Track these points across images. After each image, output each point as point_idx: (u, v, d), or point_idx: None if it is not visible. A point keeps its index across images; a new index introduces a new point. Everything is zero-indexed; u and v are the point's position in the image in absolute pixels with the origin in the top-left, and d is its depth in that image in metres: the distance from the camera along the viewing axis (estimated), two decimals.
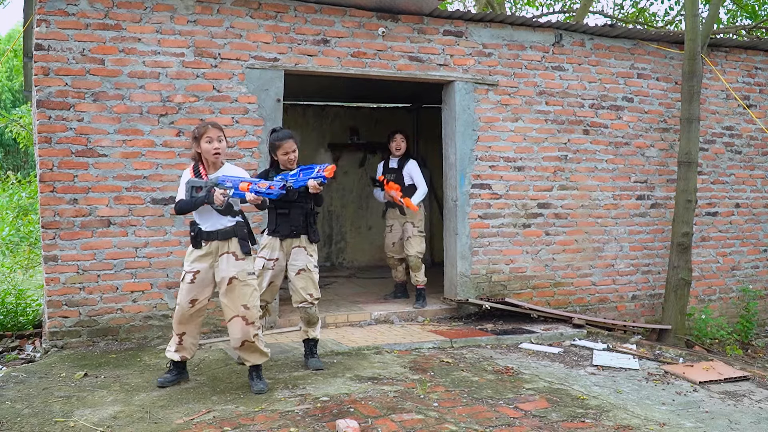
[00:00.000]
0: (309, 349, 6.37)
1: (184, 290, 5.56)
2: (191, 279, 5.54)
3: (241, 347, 5.61)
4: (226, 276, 5.53)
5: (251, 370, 5.72)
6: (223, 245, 5.56)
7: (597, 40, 9.24)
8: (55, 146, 6.95)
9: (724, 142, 10.02)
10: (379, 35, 8.13)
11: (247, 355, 5.69)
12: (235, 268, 5.54)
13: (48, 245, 6.96)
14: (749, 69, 10.20)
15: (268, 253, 6.19)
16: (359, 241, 13.41)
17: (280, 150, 6.15)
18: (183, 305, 5.57)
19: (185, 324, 5.64)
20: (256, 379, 5.66)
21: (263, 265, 6.15)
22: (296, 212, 6.12)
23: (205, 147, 5.52)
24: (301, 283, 6.18)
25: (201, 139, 5.51)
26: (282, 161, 6.18)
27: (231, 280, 5.53)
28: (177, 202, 5.61)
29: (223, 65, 7.53)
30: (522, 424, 4.85)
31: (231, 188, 5.40)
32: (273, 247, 6.17)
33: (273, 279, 6.24)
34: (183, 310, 5.58)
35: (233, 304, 5.56)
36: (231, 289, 5.54)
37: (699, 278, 9.78)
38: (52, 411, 5.07)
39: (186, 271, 5.57)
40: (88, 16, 7.04)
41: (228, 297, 5.57)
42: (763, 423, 5.18)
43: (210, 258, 5.56)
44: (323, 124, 13.11)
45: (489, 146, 8.65)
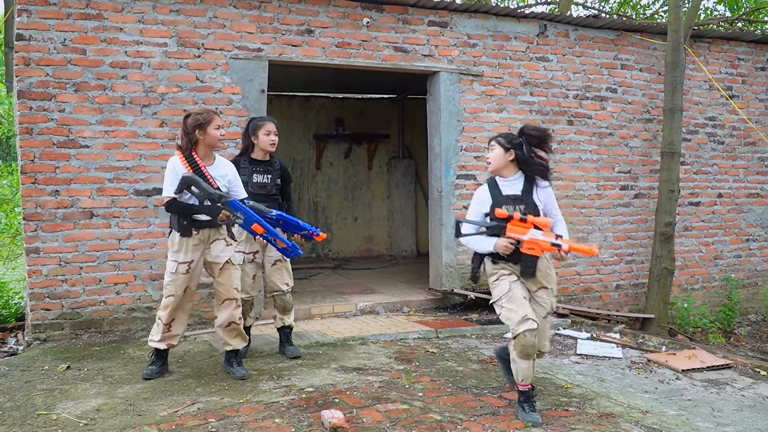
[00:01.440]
0: (285, 336, 6.40)
1: (179, 281, 5.51)
2: (186, 270, 5.51)
3: (227, 327, 5.69)
4: (221, 260, 5.57)
5: (230, 356, 5.78)
6: (214, 233, 5.58)
7: (581, 31, 9.25)
8: (36, 137, 6.90)
9: (706, 132, 10.06)
10: (364, 25, 8.10)
11: (229, 338, 5.75)
12: (227, 253, 5.62)
13: (30, 237, 6.92)
14: (732, 60, 10.24)
15: (247, 247, 6.13)
16: (345, 232, 13.41)
17: (262, 129, 6.05)
18: (177, 296, 5.54)
19: (177, 311, 5.63)
20: (237, 366, 5.73)
21: (243, 259, 6.10)
22: (272, 205, 6.01)
23: (213, 134, 5.42)
24: (278, 273, 6.22)
25: (209, 126, 5.39)
26: (263, 142, 6.05)
27: (225, 264, 5.59)
28: (172, 201, 5.37)
29: (207, 55, 7.48)
30: (506, 413, 4.85)
31: (240, 219, 5.38)
32: (251, 240, 6.11)
33: (256, 272, 6.22)
34: (178, 299, 5.55)
35: (227, 288, 5.63)
36: (225, 272, 5.60)
37: (682, 267, 9.84)
38: (35, 404, 5.04)
39: (180, 262, 5.49)
40: (70, 5, 6.98)
41: (222, 280, 5.62)
42: (745, 411, 5.22)
43: (201, 246, 5.55)
44: (308, 115, 13.09)
45: (474, 137, 8.65)
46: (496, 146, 4.83)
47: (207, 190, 5.27)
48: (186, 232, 5.46)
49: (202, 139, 5.42)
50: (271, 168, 6.17)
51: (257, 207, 5.68)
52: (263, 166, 6.14)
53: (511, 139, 4.82)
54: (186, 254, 5.50)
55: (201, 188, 5.26)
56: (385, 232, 13.76)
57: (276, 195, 6.19)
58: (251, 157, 6.14)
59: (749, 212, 10.43)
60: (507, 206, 4.69)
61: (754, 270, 10.47)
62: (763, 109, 10.41)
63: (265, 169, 6.14)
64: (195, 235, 5.49)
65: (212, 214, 5.36)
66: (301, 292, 9.18)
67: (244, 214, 5.38)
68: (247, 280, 6.11)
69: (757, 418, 5.06)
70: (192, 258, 5.51)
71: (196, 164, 5.41)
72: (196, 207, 5.37)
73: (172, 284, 5.53)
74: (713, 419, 4.99)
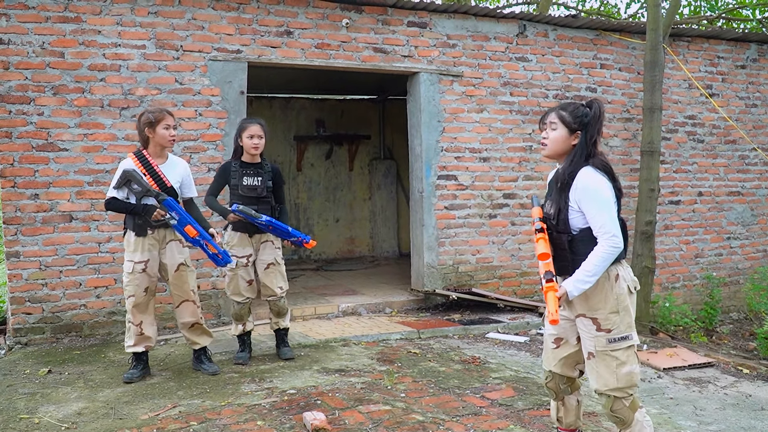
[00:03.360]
0: (280, 338, 6.39)
1: (137, 280, 5.52)
2: (143, 269, 5.53)
3: (191, 329, 5.80)
4: (175, 263, 5.62)
5: (199, 354, 5.90)
6: (169, 233, 5.60)
7: (560, 31, 9.29)
8: (15, 141, 6.86)
9: (686, 131, 10.12)
10: (343, 26, 8.10)
11: (196, 337, 5.86)
12: (182, 255, 5.66)
13: (10, 241, 6.87)
14: (711, 58, 10.30)
15: (240, 251, 6.10)
16: (326, 233, 13.39)
17: (245, 132, 6.03)
18: (138, 295, 5.54)
19: (143, 313, 5.63)
20: (207, 362, 5.88)
21: (236, 263, 6.08)
22: (264, 208, 6.04)
23: (162, 133, 5.48)
24: (271, 277, 6.17)
25: (158, 125, 5.46)
26: (246, 145, 6.03)
27: (179, 266, 5.64)
28: (111, 199, 5.49)
29: (186, 57, 7.46)
30: (488, 412, 4.86)
31: (175, 219, 5.40)
32: (243, 243, 6.10)
33: (251, 275, 6.18)
34: (138, 300, 5.55)
35: (182, 290, 5.70)
36: (179, 275, 5.66)
37: (663, 266, 9.89)
38: (17, 408, 5.01)
39: (135, 262, 5.52)
40: (48, 9, 6.94)
41: (177, 282, 5.67)
42: (728, 409, 5.24)
43: (157, 245, 5.58)
44: (289, 116, 13.06)
45: (454, 137, 8.66)
46: (558, 124, 3.66)
47: (146, 187, 5.36)
48: (141, 232, 5.51)
49: (152, 137, 5.49)
50: (261, 171, 6.13)
51: (246, 211, 5.77)
52: (253, 168, 6.11)
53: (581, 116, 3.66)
54: (142, 253, 5.53)
55: (140, 184, 5.35)
56: (367, 233, 13.75)
57: (268, 198, 6.14)
58: (242, 160, 6.13)
59: (730, 210, 10.49)
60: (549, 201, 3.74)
61: (735, 268, 10.54)
62: (743, 107, 10.48)
63: (256, 172, 6.10)
64: (150, 235, 5.53)
65: (147, 213, 5.40)
66: None
67: (179, 215, 5.41)
68: (241, 283, 6.10)
69: (740, 416, 5.08)
70: (148, 257, 5.55)
71: (147, 162, 5.49)
72: (131, 205, 5.43)
73: (130, 285, 5.55)
74: (696, 418, 5.01)
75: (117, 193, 5.48)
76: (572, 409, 3.94)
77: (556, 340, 3.84)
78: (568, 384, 3.90)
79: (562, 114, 3.66)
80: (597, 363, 3.63)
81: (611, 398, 3.63)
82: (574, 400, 3.94)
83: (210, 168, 7.47)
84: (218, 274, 7.60)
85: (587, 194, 3.51)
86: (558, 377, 3.87)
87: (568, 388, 3.91)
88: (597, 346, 3.60)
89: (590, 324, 3.61)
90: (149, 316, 5.70)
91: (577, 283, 3.47)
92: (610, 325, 3.55)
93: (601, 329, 3.58)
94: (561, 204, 3.60)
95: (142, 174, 5.44)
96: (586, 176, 3.55)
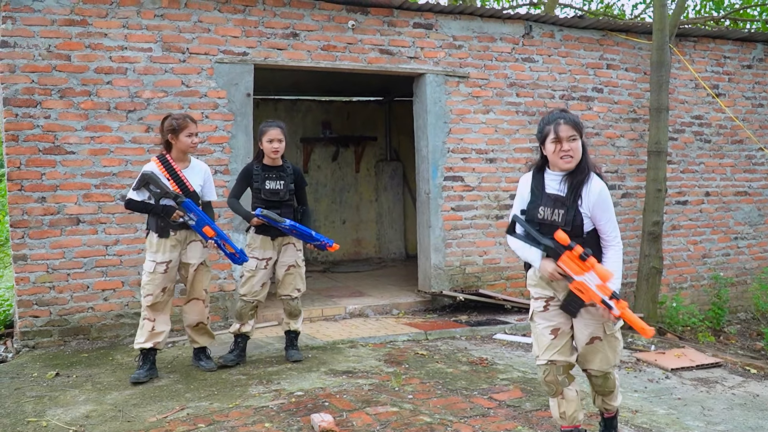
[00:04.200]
0: (290, 341, 6.39)
1: (158, 280, 5.61)
2: (165, 269, 5.62)
3: (195, 327, 5.93)
4: (196, 262, 5.76)
5: (198, 352, 6.05)
6: (190, 234, 5.71)
7: (566, 32, 9.27)
8: (22, 144, 6.87)
9: (693, 131, 10.10)
10: (349, 28, 8.10)
11: (197, 336, 6.00)
12: (202, 255, 5.81)
13: (17, 244, 6.88)
14: (718, 58, 10.28)
15: (260, 253, 6.13)
16: (333, 235, 13.32)
17: (265, 136, 6.03)
18: (156, 295, 5.62)
19: (160, 311, 5.71)
20: (205, 359, 6.02)
21: (256, 266, 6.11)
22: (287, 211, 6.09)
23: (185, 141, 5.60)
24: (291, 278, 6.25)
25: (181, 132, 5.57)
26: (266, 149, 6.04)
27: (199, 266, 5.79)
28: (130, 198, 5.62)
29: (192, 60, 7.47)
30: (496, 414, 4.86)
31: (193, 220, 5.51)
32: (265, 246, 6.13)
33: (266, 279, 6.19)
34: (157, 299, 5.64)
35: (196, 288, 5.84)
36: (197, 274, 5.80)
37: (670, 266, 9.86)
38: (25, 411, 5.02)
39: (158, 262, 5.61)
40: (54, 12, 6.95)
41: (192, 281, 5.80)
42: (736, 409, 5.23)
43: (179, 247, 5.69)
44: (295, 118, 13.05)
45: (461, 138, 8.66)
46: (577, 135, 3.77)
47: (164, 189, 5.45)
48: (163, 233, 5.60)
49: (174, 143, 5.61)
50: (283, 174, 6.15)
51: (270, 215, 5.82)
52: (275, 172, 6.13)
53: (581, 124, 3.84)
54: (164, 254, 5.62)
55: (159, 186, 5.44)
56: (374, 234, 13.74)
57: (290, 201, 6.18)
58: (263, 164, 6.15)
59: (737, 210, 10.46)
60: (545, 208, 3.83)
61: (742, 268, 10.51)
62: (750, 106, 10.46)
63: (278, 175, 6.12)
64: (172, 236, 5.62)
65: (166, 213, 5.50)
66: None
67: (197, 216, 5.51)
68: (256, 285, 6.13)
69: (748, 416, 5.07)
70: (170, 258, 5.65)
71: (170, 166, 5.60)
72: (151, 205, 5.53)
73: (150, 284, 5.63)
74: (704, 418, 5.00)
75: (136, 195, 5.58)
76: (574, 400, 4.00)
77: (554, 331, 3.94)
78: (566, 374, 3.98)
79: (577, 124, 3.78)
80: (604, 345, 3.91)
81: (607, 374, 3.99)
82: (573, 392, 4.00)
83: (217, 170, 7.48)
84: (225, 276, 7.61)
85: (602, 202, 3.76)
86: (556, 368, 3.93)
87: (566, 379, 3.98)
88: (607, 330, 3.89)
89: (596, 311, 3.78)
90: (165, 316, 5.77)
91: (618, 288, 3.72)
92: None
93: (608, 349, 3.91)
94: (575, 210, 3.76)
95: (166, 178, 5.54)
96: (599, 184, 3.78)
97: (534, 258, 3.89)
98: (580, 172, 3.79)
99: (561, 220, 3.78)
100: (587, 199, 3.75)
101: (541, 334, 3.98)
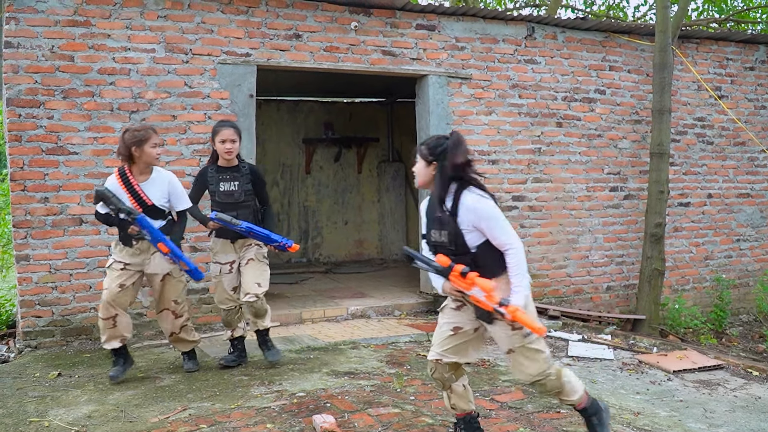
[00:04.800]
0: (262, 340, 6.18)
1: (114, 276, 5.56)
2: (122, 267, 5.57)
3: (170, 338, 5.95)
4: (161, 272, 5.66)
5: (183, 352, 6.08)
6: None
7: (569, 33, 9.28)
8: (25, 144, 6.88)
9: (695, 133, 10.09)
10: (352, 29, 8.11)
11: (176, 344, 6.06)
12: (169, 266, 5.65)
13: (20, 245, 6.90)
14: (720, 60, 10.28)
15: (222, 257, 6.03)
16: (335, 236, 13.39)
17: (217, 136, 5.83)
18: (112, 288, 5.54)
19: (114, 306, 5.58)
20: (188, 361, 6.05)
21: (220, 270, 6.02)
22: (244, 212, 5.89)
23: (150, 152, 5.49)
24: (250, 272, 5.97)
25: (146, 144, 5.44)
26: (219, 150, 5.85)
27: (165, 277, 5.68)
28: (96, 211, 5.60)
29: (195, 61, 7.48)
30: (498, 415, 4.86)
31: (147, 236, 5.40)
32: (226, 250, 6.01)
33: (235, 283, 6.07)
34: (112, 293, 5.54)
35: (164, 299, 5.77)
36: (164, 284, 5.71)
37: (672, 268, 9.86)
38: (27, 411, 5.02)
39: (116, 260, 5.59)
40: (57, 12, 6.97)
41: (160, 292, 5.73)
42: (738, 411, 5.23)
43: (142, 255, 5.61)
44: (297, 119, 13.07)
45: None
46: (418, 157, 4.04)
47: (116, 206, 5.36)
48: (126, 242, 5.57)
49: (138, 156, 5.47)
50: (238, 174, 5.95)
51: (225, 218, 5.65)
52: (229, 173, 5.94)
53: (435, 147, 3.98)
54: (124, 257, 5.59)
55: (110, 203, 5.36)
56: (376, 235, 13.75)
57: (247, 202, 5.97)
58: (218, 165, 5.98)
59: (739, 212, 10.46)
60: (435, 231, 3.96)
61: (745, 270, 10.50)
62: (753, 108, 10.46)
63: (232, 177, 5.93)
64: (135, 246, 5.56)
65: (121, 228, 5.47)
66: (292, 297, 9.18)
67: (150, 233, 5.39)
68: (226, 290, 6.04)
69: (750, 418, 5.07)
70: (129, 261, 5.60)
71: (128, 181, 5.49)
72: (110, 218, 5.49)
73: (107, 278, 5.60)
74: (706, 420, 5.00)
75: (100, 207, 5.52)
76: (462, 395, 4.19)
77: (455, 329, 4.09)
78: (452, 371, 4.13)
79: (421, 148, 4.03)
80: (518, 357, 3.98)
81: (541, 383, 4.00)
82: (460, 386, 4.18)
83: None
84: None
85: (479, 213, 3.85)
86: (442, 366, 4.10)
87: (453, 375, 4.14)
88: (515, 344, 3.94)
89: (505, 325, 3.87)
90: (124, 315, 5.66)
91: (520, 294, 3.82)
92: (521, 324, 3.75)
93: (515, 328, 3.88)
94: (456, 229, 3.87)
95: (123, 192, 5.45)
96: (471, 198, 3.89)
97: (437, 285, 4.06)
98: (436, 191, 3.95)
99: (447, 240, 3.91)
100: (464, 216, 3.85)
101: (440, 330, 4.16)
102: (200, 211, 6.04)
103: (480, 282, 3.71)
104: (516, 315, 3.63)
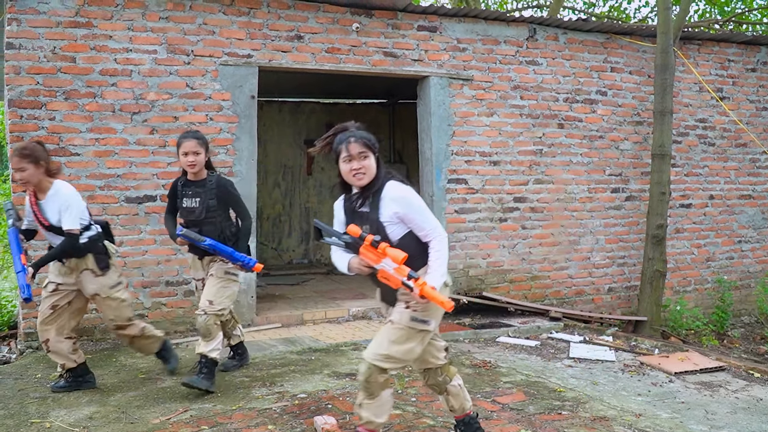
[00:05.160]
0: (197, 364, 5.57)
1: (45, 297, 5.41)
2: (54, 288, 5.41)
3: (129, 346, 5.82)
4: (90, 293, 5.45)
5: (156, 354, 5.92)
6: (80, 262, 5.38)
7: (570, 35, 9.27)
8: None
9: (697, 134, 10.09)
10: (354, 31, 8.11)
11: (137, 351, 5.93)
12: (94, 285, 5.41)
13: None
14: (722, 61, 10.27)
15: (194, 273, 5.90)
16: None
17: (180, 149, 5.46)
18: (44, 311, 5.40)
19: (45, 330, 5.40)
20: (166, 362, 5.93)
21: (196, 286, 5.93)
22: (209, 228, 5.54)
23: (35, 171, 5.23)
24: (206, 289, 5.61)
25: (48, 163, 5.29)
26: (182, 163, 5.52)
27: (94, 297, 5.47)
28: None
29: (196, 62, 7.48)
30: (499, 417, 4.86)
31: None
32: (196, 267, 5.84)
33: None
34: (44, 315, 5.40)
35: (104, 317, 5.65)
36: (97, 304, 5.55)
37: (674, 270, 9.85)
38: (28, 412, 5.02)
39: (49, 281, 5.43)
40: (59, 14, 6.97)
41: (101, 311, 5.63)
42: (739, 413, 5.22)
43: (73, 273, 5.41)
44: (299, 120, 13.07)
45: (464, 141, 8.66)
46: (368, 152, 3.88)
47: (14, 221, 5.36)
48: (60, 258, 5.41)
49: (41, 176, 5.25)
50: (201, 190, 5.56)
51: (190, 235, 5.45)
52: (192, 188, 5.60)
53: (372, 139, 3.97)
54: (56, 276, 5.43)
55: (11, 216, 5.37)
56: None
57: (210, 218, 5.55)
58: (186, 179, 5.67)
59: (741, 214, 10.46)
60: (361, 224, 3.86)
61: (746, 271, 10.50)
62: (754, 110, 10.45)
63: (194, 192, 5.58)
64: (66, 263, 5.38)
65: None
66: (294, 298, 9.18)
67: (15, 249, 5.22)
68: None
69: (751, 420, 5.07)
70: (61, 281, 5.42)
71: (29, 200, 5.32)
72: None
73: (42, 300, 5.45)
74: (707, 422, 4.99)
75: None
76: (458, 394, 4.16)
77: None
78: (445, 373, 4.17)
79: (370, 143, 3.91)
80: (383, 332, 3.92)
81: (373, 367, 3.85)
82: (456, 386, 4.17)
83: (221, 172, 7.46)
84: None
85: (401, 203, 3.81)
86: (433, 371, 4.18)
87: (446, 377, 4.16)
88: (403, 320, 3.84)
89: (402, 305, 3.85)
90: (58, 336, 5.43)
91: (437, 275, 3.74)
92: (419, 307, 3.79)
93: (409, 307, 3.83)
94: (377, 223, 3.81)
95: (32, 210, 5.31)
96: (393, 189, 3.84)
97: (342, 263, 3.95)
98: (373, 185, 3.86)
99: None
100: (386, 209, 3.80)
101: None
102: (173, 226, 5.71)
103: (391, 252, 3.66)
104: (424, 289, 3.55)
